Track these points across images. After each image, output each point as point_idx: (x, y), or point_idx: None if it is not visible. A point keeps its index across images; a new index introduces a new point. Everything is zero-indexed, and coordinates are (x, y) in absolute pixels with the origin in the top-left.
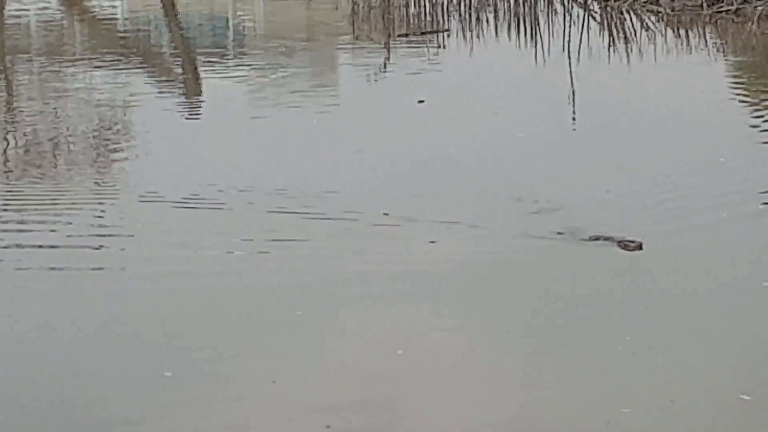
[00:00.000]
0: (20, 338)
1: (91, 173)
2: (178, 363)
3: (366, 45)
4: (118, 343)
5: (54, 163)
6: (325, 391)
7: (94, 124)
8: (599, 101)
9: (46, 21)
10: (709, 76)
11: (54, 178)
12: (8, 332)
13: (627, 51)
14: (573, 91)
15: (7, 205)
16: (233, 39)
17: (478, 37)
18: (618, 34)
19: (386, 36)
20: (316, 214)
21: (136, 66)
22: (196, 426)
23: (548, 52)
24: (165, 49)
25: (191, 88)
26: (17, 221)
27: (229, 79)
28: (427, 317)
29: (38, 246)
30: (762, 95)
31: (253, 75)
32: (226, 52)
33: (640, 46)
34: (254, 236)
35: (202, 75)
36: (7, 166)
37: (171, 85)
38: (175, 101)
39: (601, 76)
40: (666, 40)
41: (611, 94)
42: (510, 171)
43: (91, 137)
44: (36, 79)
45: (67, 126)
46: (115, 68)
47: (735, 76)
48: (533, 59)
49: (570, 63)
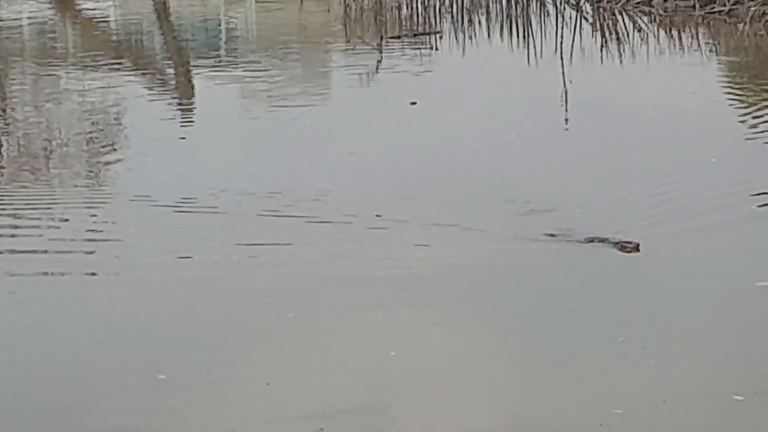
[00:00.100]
0: (14, 344)
1: (84, 177)
2: (172, 368)
3: (358, 47)
4: (112, 348)
5: (47, 167)
6: (319, 395)
7: (87, 127)
8: (592, 102)
9: (38, 24)
10: (702, 76)
11: (47, 182)
12: (2, 338)
13: (619, 52)
14: (566, 93)
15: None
16: (225, 42)
17: (471, 38)
18: (610, 35)
19: (378, 38)
20: (309, 216)
21: (128, 69)
22: None
23: (541, 54)
24: (157, 52)
25: (184, 91)
26: (10, 226)
27: (222, 82)
28: (421, 320)
29: (32, 251)
30: (754, 96)
31: (245, 78)
32: (219, 55)
33: (632, 47)
34: (247, 240)
35: (194, 78)
36: None
37: (163, 89)
38: (168, 104)
39: (593, 77)
40: (658, 41)
41: (604, 95)
42: (503, 172)
43: (83, 141)
44: (28, 82)
45: (59, 130)
46: (108, 72)
47: (727, 77)
48: (526, 61)
49: (562, 64)
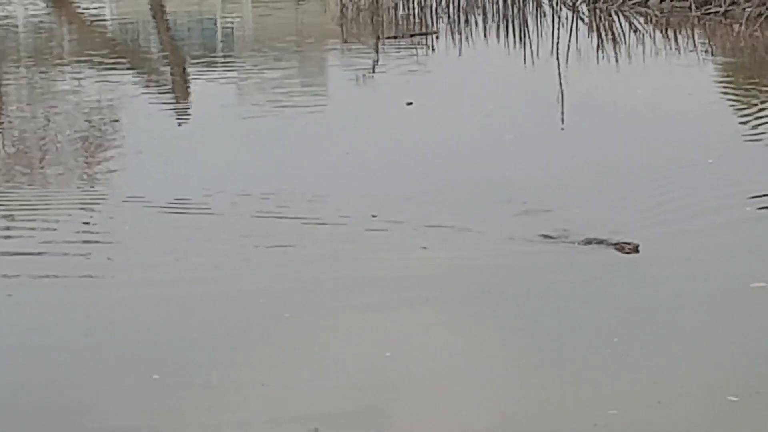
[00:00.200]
0: (12, 346)
1: (79, 178)
2: (170, 369)
3: (355, 47)
4: (110, 349)
5: (42, 168)
6: (317, 396)
7: (82, 127)
8: (588, 103)
9: (34, 23)
10: (698, 77)
11: (42, 182)
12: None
13: (616, 53)
14: (562, 93)
15: None
16: (222, 41)
17: (467, 39)
18: (606, 36)
19: (375, 38)
20: (305, 217)
21: (124, 69)
22: None
23: (537, 54)
24: (153, 51)
25: (180, 90)
26: (4, 227)
27: (218, 81)
28: (419, 321)
29: (27, 253)
30: (751, 97)
31: (241, 77)
32: (215, 54)
33: (628, 47)
34: (242, 241)
35: (190, 77)
36: None
37: (159, 88)
38: (164, 104)
39: (590, 77)
40: (654, 42)
41: (600, 95)
42: (501, 173)
43: (78, 141)
44: (23, 82)
45: (54, 130)
46: (103, 71)
47: (723, 78)
48: (522, 61)
49: (559, 65)
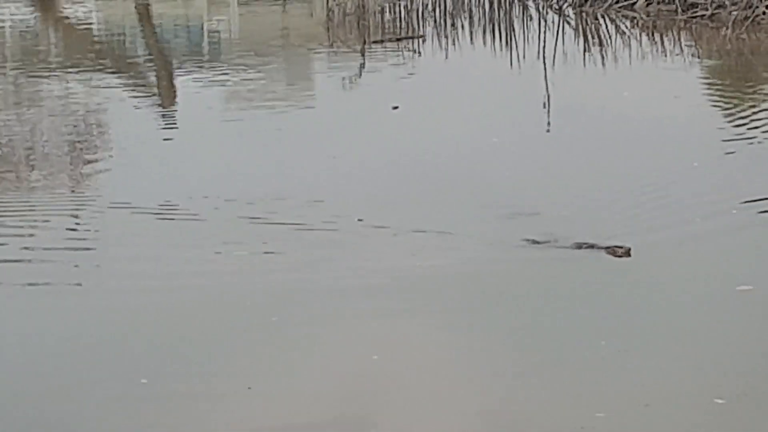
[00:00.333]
0: None
1: (65, 183)
2: (156, 376)
3: (341, 51)
4: (96, 357)
5: (28, 173)
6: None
7: (68, 132)
8: (575, 106)
9: (20, 28)
10: (685, 80)
11: (27, 188)
12: None
13: (602, 56)
14: (548, 97)
15: None
16: (208, 46)
17: (454, 43)
18: (593, 40)
19: (361, 42)
20: (292, 223)
21: (110, 73)
22: None
23: (523, 58)
24: (140, 56)
25: (166, 95)
26: None
27: (204, 86)
28: (406, 326)
29: (13, 260)
30: (738, 100)
31: (227, 82)
32: (201, 58)
33: (615, 51)
34: (229, 247)
35: (176, 82)
36: None
37: (145, 93)
38: (150, 109)
39: (576, 81)
40: (641, 45)
41: (587, 99)
42: (487, 177)
43: (65, 146)
44: (9, 86)
45: (40, 135)
46: (89, 76)
47: (710, 81)
48: (508, 65)
49: (545, 68)
